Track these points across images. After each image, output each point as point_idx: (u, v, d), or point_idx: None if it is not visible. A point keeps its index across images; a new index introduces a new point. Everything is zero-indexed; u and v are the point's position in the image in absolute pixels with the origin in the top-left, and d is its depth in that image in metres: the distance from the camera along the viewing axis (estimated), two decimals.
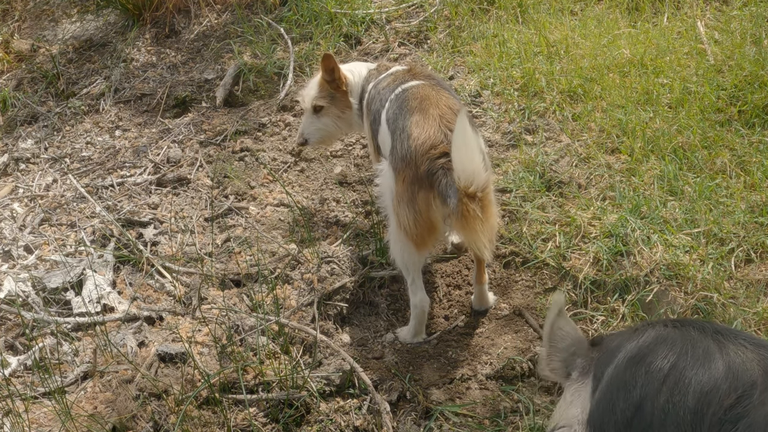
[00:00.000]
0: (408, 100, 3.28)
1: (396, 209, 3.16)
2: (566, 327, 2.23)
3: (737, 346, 1.93)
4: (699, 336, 1.98)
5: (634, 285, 3.35)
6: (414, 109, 3.21)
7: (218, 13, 5.75)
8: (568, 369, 2.17)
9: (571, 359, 2.17)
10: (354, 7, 5.44)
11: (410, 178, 3.07)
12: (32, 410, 3.07)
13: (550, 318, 2.23)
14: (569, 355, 2.18)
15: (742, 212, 3.55)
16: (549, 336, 2.22)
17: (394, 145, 3.20)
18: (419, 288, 3.29)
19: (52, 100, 5.21)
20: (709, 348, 1.94)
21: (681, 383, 1.89)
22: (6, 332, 3.54)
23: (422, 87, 3.35)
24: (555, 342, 2.21)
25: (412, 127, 3.12)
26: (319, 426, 2.98)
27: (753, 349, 1.92)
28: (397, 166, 3.14)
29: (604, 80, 4.48)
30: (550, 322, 2.22)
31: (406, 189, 3.09)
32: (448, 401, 3.08)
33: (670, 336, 2.01)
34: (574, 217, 3.68)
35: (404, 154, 3.10)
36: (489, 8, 5.32)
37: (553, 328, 2.22)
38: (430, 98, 3.24)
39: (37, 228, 4.17)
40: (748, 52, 4.46)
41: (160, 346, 3.32)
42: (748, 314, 3.14)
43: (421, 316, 3.31)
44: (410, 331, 3.36)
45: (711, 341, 1.96)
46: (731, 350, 1.92)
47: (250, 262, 3.74)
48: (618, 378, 2.01)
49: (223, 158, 4.48)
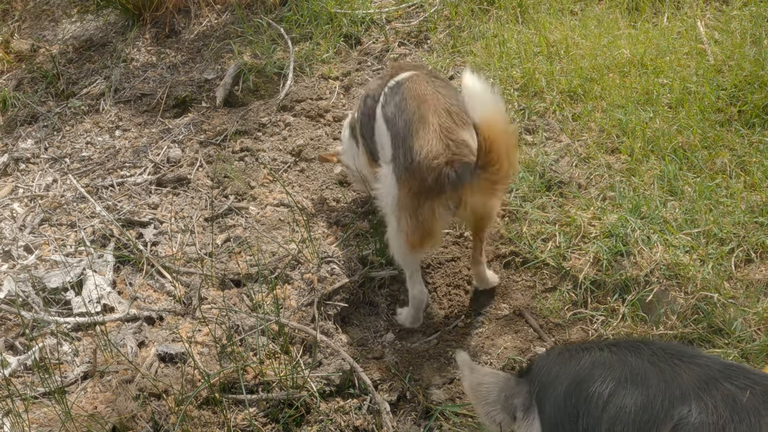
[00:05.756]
0: (405, 101, 3.25)
1: (397, 215, 3.18)
2: (485, 379, 2.20)
3: (672, 367, 1.91)
4: (635, 360, 1.97)
5: (634, 285, 3.35)
6: (413, 116, 3.17)
7: (218, 13, 5.75)
8: (511, 413, 2.16)
9: (507, 404, 2.15)
10: (354, 7, 5.44)
11: (416, 188, 3.08)
12: (32, 410, 3.08)
13: (466, 381, 2.20)
14: (504, 402, 2.16)
15: (742, 212, 3.55)
16: (476, 398, 2.19)
17: (397, 153, 3.18)
18: (417, 281, 3.39)
19: (52, 100, 5.21)
20: (646, 373, 1.92)
21: (622, 413, 1.88)
22: (6, 332, 3.54)
23: (417, 81, 3.32)
24: (484, 399, 2.19)
25: (414, 140, 3.10)
26: (319, 426, 2.98)
27: (687, 369, 1.90)
28: (402, 175, 3.13)
29: (604, 80, 4.48)
30: (469, 385, 2.20)
31: (411, 199, 3.09)
32: (448, 401, 3.08)
33: (607, 361, 1.99)
34: (574, 217, 3.68)
35: (408, 165, 3.09)
36: (489, 8, 5.32)
37: (475, 390, 2.20)
38: (427, 99, 3.21)
39: (37, 228, 4.17)
40: (748, 52, 4.46)
41: (160, 346, 3.32)
42: (748, 314, 3.14)
43: (419, 305, 3.43)
44: (408, 317, 3.47)
45: (648, 365, 1.94)
46: (667, 374, 1.90)
47: (250, 262, 3.74)
48: (561, 410, 1.99)
49: (223, 158, 4.48)
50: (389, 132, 3.27)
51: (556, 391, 2.02)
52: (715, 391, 1.83)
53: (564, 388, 2.00)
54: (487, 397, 2.18)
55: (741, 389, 1.82)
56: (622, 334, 3.22)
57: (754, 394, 1.80)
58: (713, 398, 1.81)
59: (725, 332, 3.10)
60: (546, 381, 2.07)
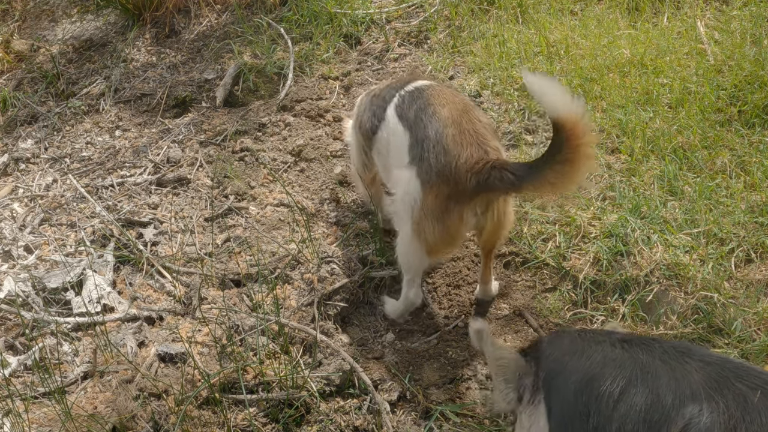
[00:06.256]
0: (432, 106, 3.17)
1: (419, 220, 3.10)
2: (503, 354, 2.19)
3: (683, 365, 1.90)
4: (647, 358, 1.96)
5: (634, 285, 3.36)
6: (446, 121, 3.11)
7: (218, 13, 5.76)
8: (519, 393, 2.15)
9: (519, 384, 2.15)
10: (354, 7, 5.44)
11: (446, 193, 3.01)
12: (32, 410, 3.08)
13: (488, 353, 2.18)
14: (517, 381, 2.16)
15: (742, 212, 3.55)
16: (496, 371, 2.18)
17: (424, 156, 3.08)
18: (416, 285, 3.38)
19: (52, 100, 5.21)
20: (657, 372, 1.91)
21: (632, 411, 1.87)
22: (6, 332, 3.54)
23: (440, 90, 3.30)
24: (503, 374, 2.18)
25: (449, 143, 3.04)
26: (319, 426, 2.98)
27: (698, 368, 1.89)
28: (430, 179, 3.05)
29: (604, 80, 4.48)
30: (491, 357, 2.18)
31: (439, 204, 3.03)
32: (448, 401, 3.08)
33: (618, 358, 1.98)
34: (574, 217, 3.68)
35: (441, 169, 3.02)
36: (489, 8, 5.32)
37: (497, 361, 2.19)
38: (457, 107, 3.16)
39: (37, 228, 4.17)
40: (748, 52, 4.46)
41: (160, 346, 3.32)
42: (748, 314, 3.14)
43: (410, 307, 3.46)
44: (395, 311, 3.48)
45: (659, 363, 1.94)
46: (678, 372, 1.89)
47: (250, 262, 3.74)
48: (570, 407, 1.98)
49: (223, 158, 4.47)
50: (409, 134, 3.18)
51: (565, 383, 2.01)
52: (726, 390, 1.82)
53: (574, 383, 1.99)
54: (506, 372, 2.18)
55: (752, 389, 1.81)
56: None
57: (765, 394, 1.79)
58: (724, 398, 1.80)
59: (725, 332, 3.10)
60: (555, 369, 2.06)
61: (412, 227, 3.13)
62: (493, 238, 3.28)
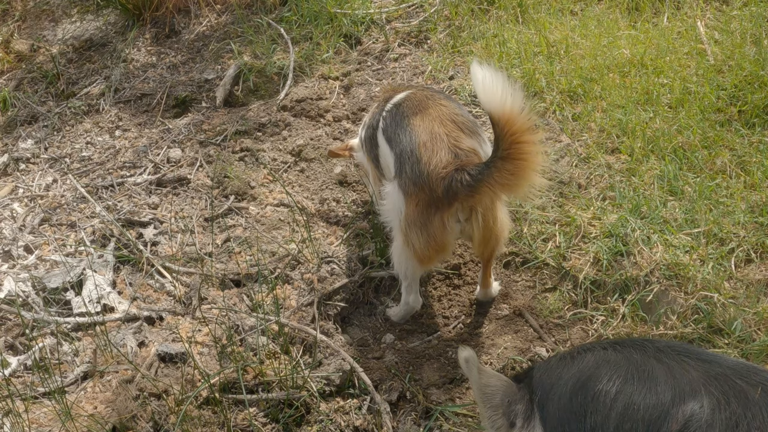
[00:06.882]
0: (407, 118, 3.20)
1: (405, 230, 3.12)
2: (492, 381, 2.17)
3: (680, 364, 1.88)
4: (641, 357, 1.94)
5: (634, 285, 3.36)
6: (417, 129, 3.13)
7: (218, 13, 5.75)
8: (510, 420, 2.14)
9: (509, 410, 2.12)
10: (354, 7, 5.44)
11: (425, 201, 3.03)
12: (32, 410, 3.07)
13: (474, 380, 2.16)
14: (506, 407, 2.13)
15: (742, 212, 3.55)
16: (482, 398, 2.16)
17: (403, 168, 3.12)
18: (414, 291, 3.40)
19: (52, 100, 5.21)
20: (653, 370, 1.89)
21: (630, 410, 1.85)
22: (6, 332, 3.54)
23: (415, 98, 3.30)
24: (489, 401, 2.15)
25: (420, 151, 3.06)
26: (319, 426, 2.98)
27: (696, 366, 1.87)
28: (408, 190, 3.07)
29: (604, 80, 4.48)
30: (477, 385, 2.16)
31: (420, 213, 3.04)
32: (448, 401, 3.08)
33: (612, 359, 1.96)
34: (574, 217, 3.68)
35: (416, 179, 3.04)
36: (489, 8, 5.32)
37: (482, 389, 2.17)
38: (430, 112, 3.17)
39: (37, 228, 4.17)
40: (748, 52, 4.46)
41: (160, 346, 3.32)
42: (748, 314, 3.14)
43: (410, 311, 3.48)
44: (397, 315, 3.51)
45: (654, 362, 1.91)
46: (675, 370, 1.87)
47: (250, 262, 3.74)
48: (566, 410, 1.95)
49: (223, 158, 4.47)
50: (393, 152, 3.22)
51: (560, 391, 1.99)
52: (726, 387, 1.80)
53: (569, 388, 1.97)
54: (492, 399, 2.15)
55: (752, 386, 1.80)
56: (622, 334, 3.22)
57: (766, 390, 1.78)
58: (725, 394, 1.78)
59: (725, 332, 3.10)
60: (548, 385, 2.04)
61: (402, 237, 3.16)
62: (485, 247, 3.19)
